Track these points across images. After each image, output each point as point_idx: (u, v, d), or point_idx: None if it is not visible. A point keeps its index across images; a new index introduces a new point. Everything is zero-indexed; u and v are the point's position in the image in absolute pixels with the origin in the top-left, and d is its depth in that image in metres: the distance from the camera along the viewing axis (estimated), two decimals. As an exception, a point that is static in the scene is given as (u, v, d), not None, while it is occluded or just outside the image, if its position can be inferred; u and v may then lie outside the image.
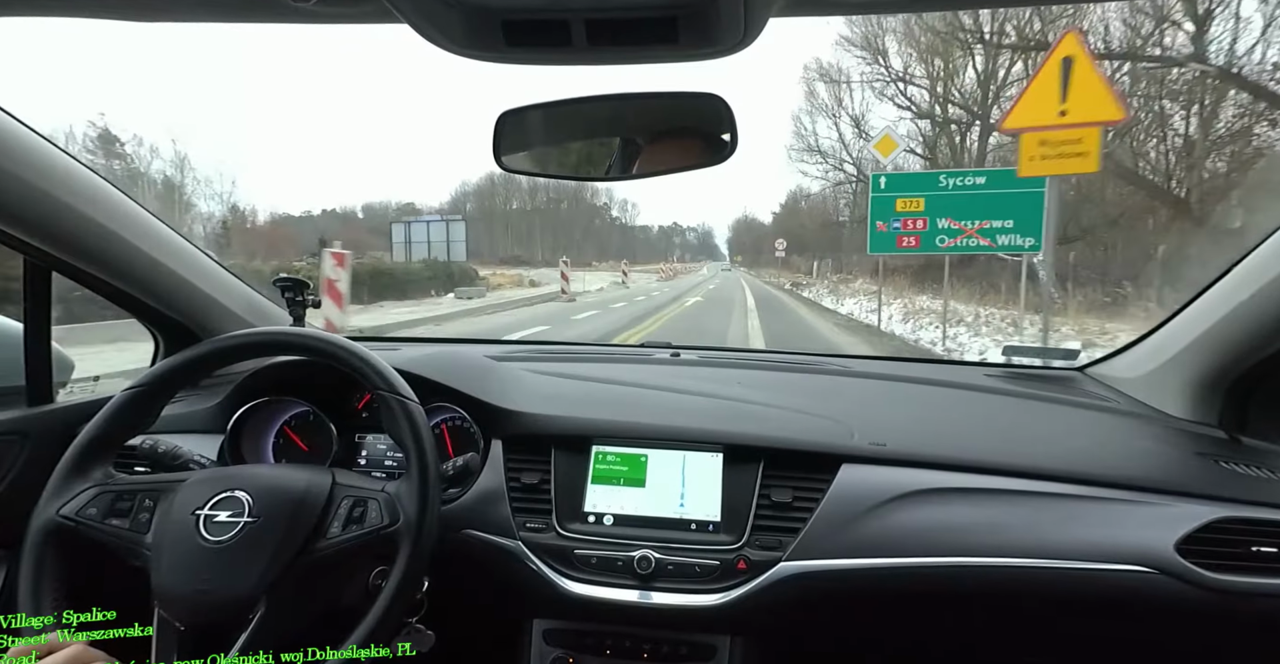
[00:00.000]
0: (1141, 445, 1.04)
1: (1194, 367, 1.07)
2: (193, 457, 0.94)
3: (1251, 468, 0.95)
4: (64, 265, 1.04)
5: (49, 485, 0.78)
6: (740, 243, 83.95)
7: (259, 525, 0.74)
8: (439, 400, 1.06)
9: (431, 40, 0.48)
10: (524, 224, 79.58)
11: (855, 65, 23.46)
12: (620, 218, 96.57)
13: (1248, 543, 0.85)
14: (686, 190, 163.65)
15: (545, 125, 0.94)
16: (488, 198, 77.32)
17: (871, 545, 0.90)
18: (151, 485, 0.80)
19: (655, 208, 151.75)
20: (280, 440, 1.14)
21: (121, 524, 0.76)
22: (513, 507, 0.98)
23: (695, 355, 1.46)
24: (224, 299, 1.27)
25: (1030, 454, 0.99)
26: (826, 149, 26.33)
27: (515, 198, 78.44)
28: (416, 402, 0.83)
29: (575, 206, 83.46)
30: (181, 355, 0.86)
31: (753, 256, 68.44)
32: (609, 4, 0.45)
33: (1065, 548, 0.87)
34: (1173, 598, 0.84)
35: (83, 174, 0.98)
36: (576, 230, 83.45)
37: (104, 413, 0.82)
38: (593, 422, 1.05)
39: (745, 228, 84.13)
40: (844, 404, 1.13)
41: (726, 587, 0.91)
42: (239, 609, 0.71)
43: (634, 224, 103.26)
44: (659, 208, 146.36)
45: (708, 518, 0.96)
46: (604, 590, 0.92)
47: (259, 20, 0.55)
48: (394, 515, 0.76)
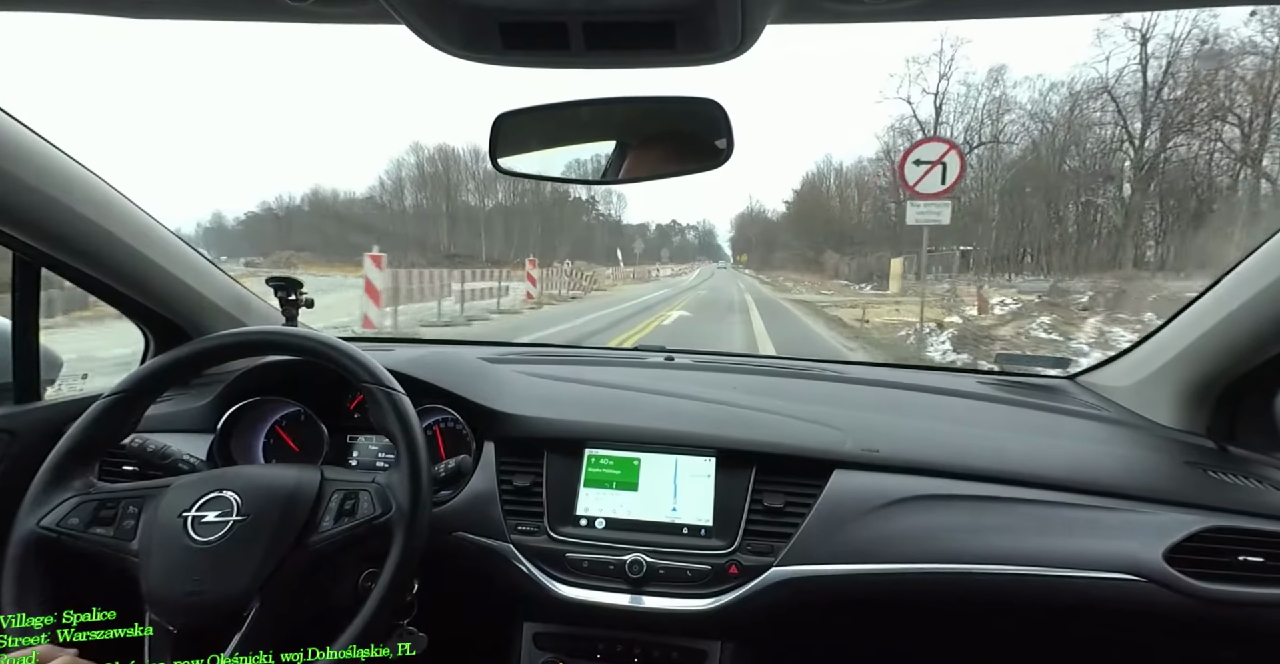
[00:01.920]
0: (1131, 454, 1.05)
1: (1183, 376, 1.08)
2: (182, 456, 0.93)
3: (1239, 477, 0.96)
4: (53, 261, 1.04)
5: (28, 496, 0.76)
6: (745, 239, 77.57)
7: (249, 523, 0.73)
8: (431, 402, 1.06)
9: (429, 41, 0.48)
10: (482, 220, 65.31)
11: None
12: (606, 213, 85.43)
13: (1235, 552, 0.86)
14: (686, 187, 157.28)
15: (542, 128, 0.94)
16: (431, 186, 64.06)
17: (863, 551, 0.90)
18: (135, 492, 0.79)
19: (653, 206, 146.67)
20: (271, 440, 1.13)
21: (106, 532, 0.75)
22: (504, 509, 0.98)
23: (689, 359, 1.46)
24: (214, 297, 1.27)
25: (1021, 462, 0.99)
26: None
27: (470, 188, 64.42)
28: (403, 393, 0.82)
29: (547, 201, 69.06)
30: (167, 356, 0.85)
31: (763, 255, 59.68)
32: (606, 8, 0.45)
33: (1054, 555, 0.87)
34: (1160, 606, 0.84)
35: (74, 170, 0.98)
36: (537, 226, 68.02)
37: (83, 420, 0.80)
38: (586, 425, 1.05)
39: (750, 220, 77.93)
40: (837, 410, 1.13)
41: (718, 591, 0.91)
42: (232, 608, 0.70)
43: (626, 220, 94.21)
44: (657, 206, 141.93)
45: (700, 522, 0.96)
46: (595, 594, 0.92)
47: (257, 19, 0.55)
48: (386, 505, 0.75)
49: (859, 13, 0.50)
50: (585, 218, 78.62)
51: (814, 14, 0.49)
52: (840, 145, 52.36)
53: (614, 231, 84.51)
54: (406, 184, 66.05)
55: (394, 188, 65.81)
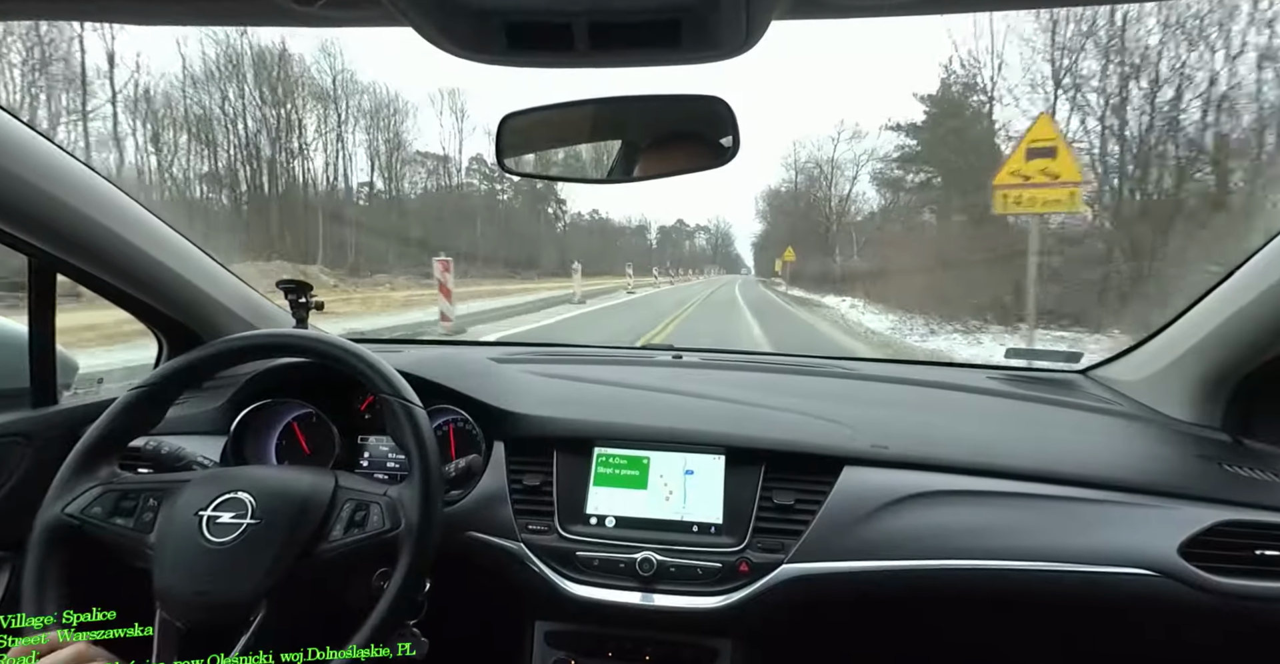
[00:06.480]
0: (1144, 448, 1.04)
1: (1197, 369, 1.07)
2: (195, 458, 0.94)
3: (1255, 471, 0.95)
4: (68, 267, 1.05)
5: (54, 484, 0.79)
6: (772, 240, 45.43)
7: (261, 527, 0.74)
8: (441, 402, 1.06)
9: (435, 43, 0.48)
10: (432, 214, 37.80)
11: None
12: (593, 211, 64.35)
13: (1251, 546, 0.85)
14: (689, 184, 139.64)
15: (546, 128, 0.94)
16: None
17: (874, 548, 0.90)
18: (156, 485, 0.80)
19: (652, 204, 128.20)
20: (283, 442, 1.14)
21: (126, 523, 0.76)
22: (515, 508, 0.98)
23: (697, 358, 1.46)
24: (227, 301, 1.28)
25: (1033, 457, 0.98)
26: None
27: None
28: (420, 406, 0.83)
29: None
30: (187, 356, 0.86)
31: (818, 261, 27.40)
32: (611, 7, 0.45)
33: (1068, 551, 0.87)
34: (1176, 601, 0.84)
35: (86, 175, 0.99)
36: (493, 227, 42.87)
37: (109, 413, 0.83)
38: (595, 424, 1.05)
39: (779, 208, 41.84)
40: (846, 407, 1.13)
41: (728, 589, 0.91)
42: (240, 611, 0.71)
43: (616, 218, 72.77)
44: (655, 204, 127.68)
45: (710, 520, 0.96)
46: (606, 592, 0.92)
47: (264, 24, 0.56)
48: (395, 520, 0.76)
49: (864, 7, 0.50)
50: (542, 206, 51.59)
51: (819, 9, 0.49)
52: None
53: (601, 233, 66.79)
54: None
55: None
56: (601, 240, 66.34)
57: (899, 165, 23.54)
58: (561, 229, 56.46)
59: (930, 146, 20.55)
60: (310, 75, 30.78)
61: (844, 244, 29.38)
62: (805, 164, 36.42)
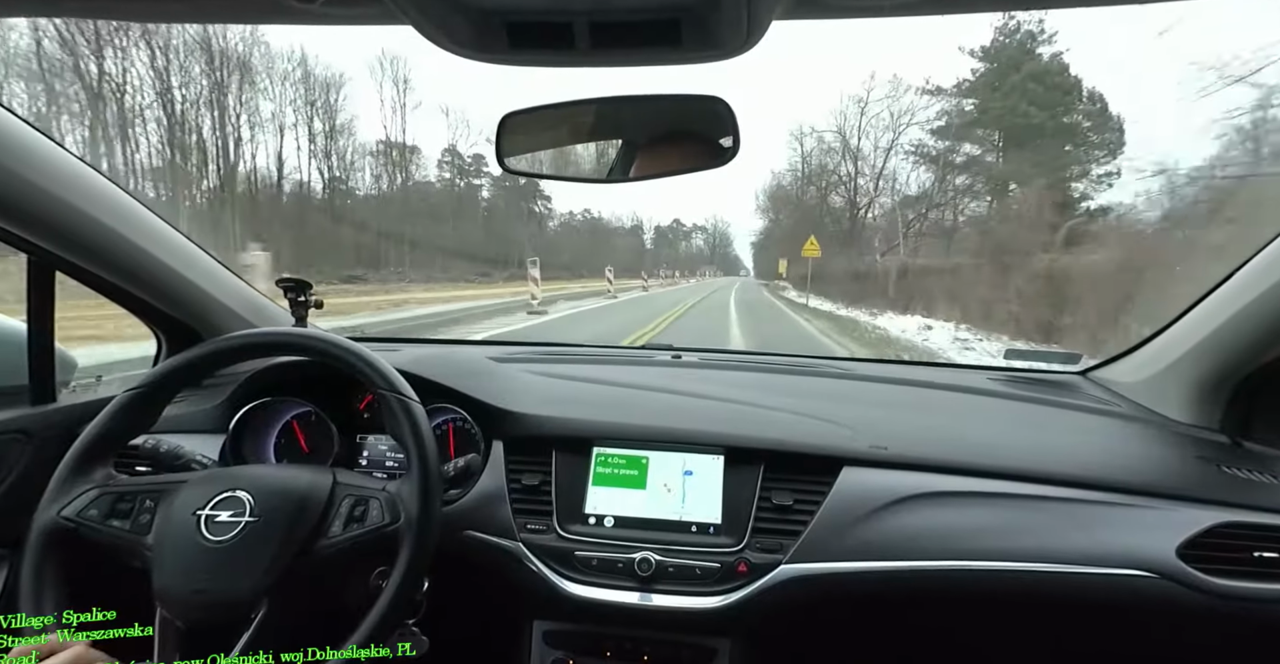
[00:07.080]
0: (1143, 450, 1.04)
1: (1196, 371, 1.07)
2: (194, 457, 0.94)
3: (1253, 473, 0.95)
4: (67, 264, 1.05)
5: (50, 487, 0.78)
6: (774, 239, 40.89)
7: (260, 525, 0.74)
8: (440, 401, 1.06)
9: (435, 42, 0.48)
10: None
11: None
12: (579, 211, 61.45)
13: (1249, 548, 0.85)
14: (687, 184, 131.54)
15: (547, 127, 0.94)
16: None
17: (872, 549, 0.90)
18: (153, 486, 0.80)
19: (650, 201, 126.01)
20: (282, 440, 1.14)
21: (122, 525, 0.76)
22: (513, 508, 0.98)
23: (696, 358, 1.46)
24: (226, 299, 1.28)
25: (1032, 458, 0.98)
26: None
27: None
28: (418, 401, 0.83)
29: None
30: (182, 356, 0.86)
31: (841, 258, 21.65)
32: (612, 6, 0.45)
33: (1067, 552, 0.87)
34: (1174, 603, 0.84)
35: (86, 172, 0.99)
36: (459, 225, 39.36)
37: (105, 414, 0.82)
38: (594, 423, 1.05)
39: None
40: (845, 407, 1.13)
41: (727, 589, 0.91)
42: (240, 609, 0.71)
43: (609, 216, 70.83)
44: (654, 202, 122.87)
45: (708, 520, 0.96)
46: (604, 592, 0.92)
47: (263, 21, 0.56)
48: (395, 514, 0.76)
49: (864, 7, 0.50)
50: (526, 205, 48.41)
51: (820, 9, 0.49)
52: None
53: (592, 232, 64.05)
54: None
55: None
56: (592, 240, 63.46)
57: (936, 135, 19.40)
58: (552, 227, 53.43)
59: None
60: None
61: (881, 236, 22.78)
62: (823, 132, 29.98)
